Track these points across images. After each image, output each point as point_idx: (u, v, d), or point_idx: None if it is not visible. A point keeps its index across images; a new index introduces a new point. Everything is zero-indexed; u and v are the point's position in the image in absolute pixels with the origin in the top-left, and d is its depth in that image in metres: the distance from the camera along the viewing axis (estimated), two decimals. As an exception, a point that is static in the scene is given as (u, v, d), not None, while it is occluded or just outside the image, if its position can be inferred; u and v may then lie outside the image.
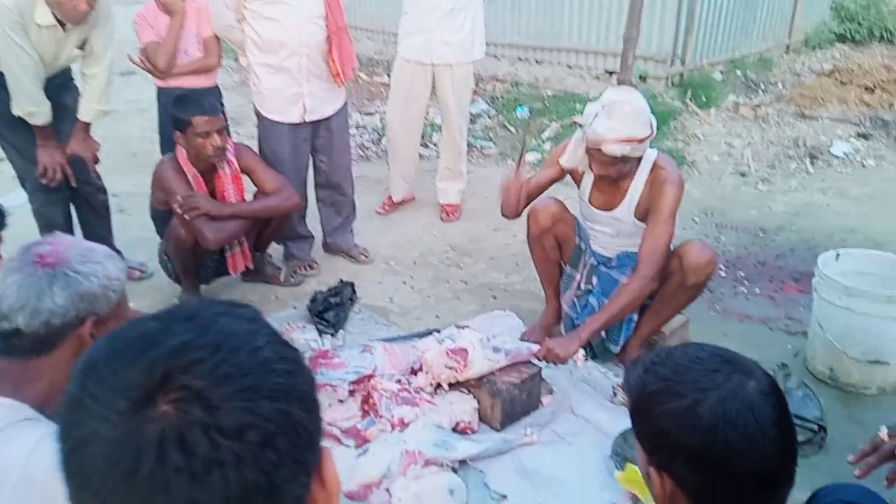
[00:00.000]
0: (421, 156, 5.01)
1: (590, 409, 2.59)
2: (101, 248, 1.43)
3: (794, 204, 4.53)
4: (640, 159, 2.64)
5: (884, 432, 1.48)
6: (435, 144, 5.47)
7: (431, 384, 2.56)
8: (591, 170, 2.66)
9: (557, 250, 2.90)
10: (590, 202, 2.81)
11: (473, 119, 5.75)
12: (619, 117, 2.45)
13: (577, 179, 2.86)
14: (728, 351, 1.13)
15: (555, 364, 2.59)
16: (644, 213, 2.70)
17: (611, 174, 2.60)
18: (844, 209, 4.42)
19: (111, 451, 0.58)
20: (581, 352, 2.55)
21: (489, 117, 6.08)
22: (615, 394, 2.63)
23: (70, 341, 1.32)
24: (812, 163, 5.10)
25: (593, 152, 2.56)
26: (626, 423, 2.48)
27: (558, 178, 2.88)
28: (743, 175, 4.99)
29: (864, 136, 5.39)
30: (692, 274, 2.59)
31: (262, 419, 0.62)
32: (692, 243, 2.68)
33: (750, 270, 3.71)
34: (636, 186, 2.69)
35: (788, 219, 4.32)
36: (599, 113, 2.49)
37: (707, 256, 2.60)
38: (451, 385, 2.58)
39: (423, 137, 4.96)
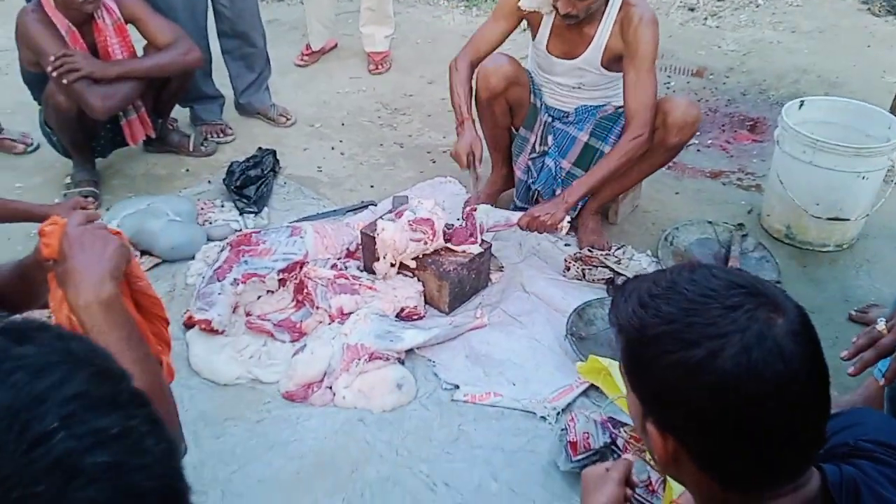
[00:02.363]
0: (340, -6, 4.42)
1: (542, 285, 2.42)
2: None
3: (744, 41, 4.26)
4: None
5: (881, 325, 1.33)
6: (355, -21, 4.83)
7: (393, 265, 2.32)
8: (556, 9, 2.28)
9: (509, 115, 2.58)
10: (548, 50, 2.46)
11: (397, -52, 5.08)
12: None
13: (534, 25, 2.48)
14: (746, 275, 0.90)
15: (539, 233, 2.37)
16: (612, 61, 2.38)
17: (578, 12, 2.25)
18: (796, 46, 4.18)
19: None
20: (567, 218, 2.33)
21: (414, -55, 5.40)
22: (568, 268, 2.46)
23: None
24: (762, -7, 4.78)
25: None
26: (580, 298, 2.36)
27: (511, 31, 2.49)
28: (691, 10, 4.64)
29: (817, -37, 5.05)
30: (676, 132, 2.35)
31: None
32: (678, 100, 2.42)
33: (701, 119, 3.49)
34: (603, 30, 2.35)
35: (738, 59, 4.07)
36: None
37: (693, 114, 2.36)
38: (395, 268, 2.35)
39: (341, -29, 4.35)
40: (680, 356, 0.83)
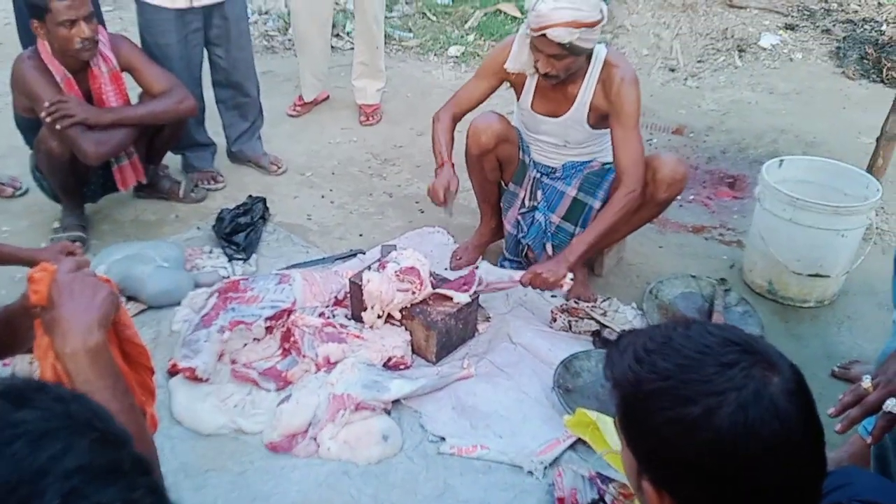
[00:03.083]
0: (333, 47, 4.52)
1: (528, 336, 2.43)
2: None
3: (724, 101, 4.39)
4: (589, 58, 2.37)
5: (867, 382, 1.35)
6: (349, 34, 4.95)
7: (380, 316, 2.32)
8: (537, 69, 2.36)
9: (498, 171, 2.63)
10: (533, 109, 2.52)
11: (389, 6, 5.22)
12: None
13: (518, 86, 2.55)
14: (740, 332, 0.92)
15: (541, 290, 2.40)
16: (598, 119, 2.45)
17: (558, 72, 2.31)
18: (774, 107, 4.32)
19: None
20: (569, 275, 2.34)
21: (406, 3, 5.56)
22: (554, 319, 2.47)
23: None
24: (740, 56, 4.95)
25: (538, 42, 2.26)
26: (566, 350, 2.37)
27: (493, 90, 2.58)
28: (672, 70, 4.79)
29: (792, 28, 5.26)
30: (665, 189, 2.41)
31: None
32: (667, 157, 2.49)
33: (689, 177, 3.58)
34: (586, 89, 2.42)
35: (718, 118, 4.19)
36: None
37: (682, 172, 2.42)
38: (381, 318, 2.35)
39: (334, 27, 4.46)
40: (676, 413, 0.84)
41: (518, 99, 2.57)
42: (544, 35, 2.20)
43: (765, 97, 4.46)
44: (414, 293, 2.32)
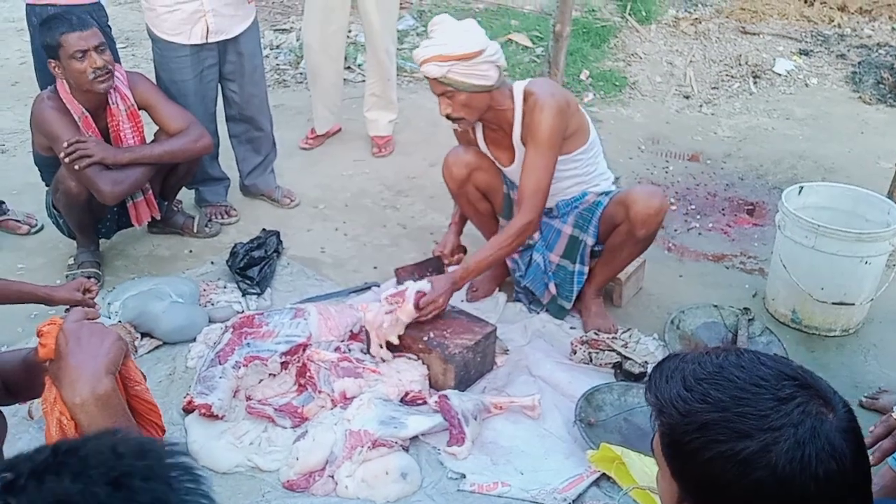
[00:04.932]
0: (345, 80, 4.55)
1: (548, 368, 2.38)
2: None
3: (740, 128, 4.37)
4: (510, 97, 2.33)
5: (897, 412, 1.31)
6: (360, 67, 4.99)
7: (381, 346, 2.29)
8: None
9: (485, 201, 2.62)
10: (496, 160, 2.53)
11: (401, 37, 5.27)
12: (435, 35, 2.23)
13: (474, 141, 2.56)
14: (793, 364, 0.90)
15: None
16: None
17: (457, 113, 2.28)
18: (791, 132, 4.29)
19: None
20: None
21: (417, 35, 5.60)
22: (574, 351, 2.43)
23: None
24: (755, 82, 4.93)
25: (430, 87, 2.29)
26: (588, 383, 2.32)
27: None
28: (686, 97, 4.77)
29: (806, 53, 5.24)
30: (640, 225, 2.36)
31: None
32: (639, 191, 2.43)
33: (701, 203, 3.54)
34: (516, 128, 2.38)
35: (735, 144, 4.16)
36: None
37: (655, 205, 2.35)
38: (394, 351, 2.31)
39: (346, 59, 4.49)
40: (731, 447, 0.82)
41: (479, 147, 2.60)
42: (426, 76, 2.24)
43: (781, 123, 4.43)
44: (396, 311, 2.27)
